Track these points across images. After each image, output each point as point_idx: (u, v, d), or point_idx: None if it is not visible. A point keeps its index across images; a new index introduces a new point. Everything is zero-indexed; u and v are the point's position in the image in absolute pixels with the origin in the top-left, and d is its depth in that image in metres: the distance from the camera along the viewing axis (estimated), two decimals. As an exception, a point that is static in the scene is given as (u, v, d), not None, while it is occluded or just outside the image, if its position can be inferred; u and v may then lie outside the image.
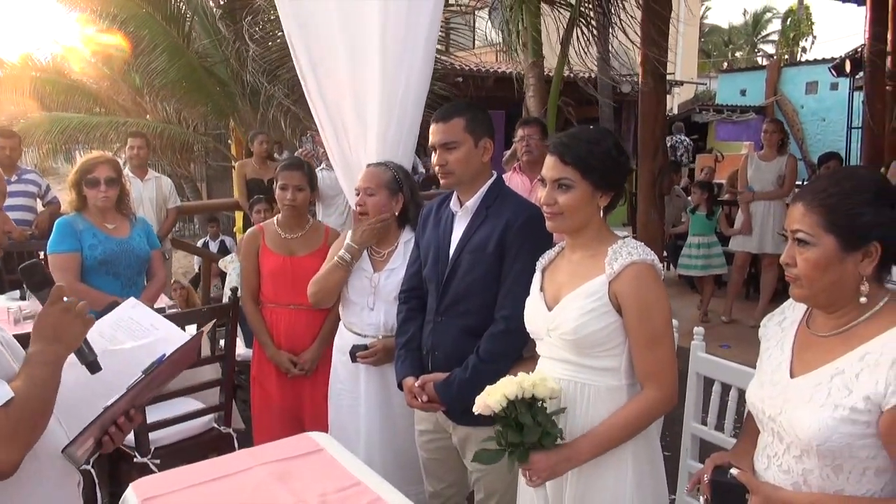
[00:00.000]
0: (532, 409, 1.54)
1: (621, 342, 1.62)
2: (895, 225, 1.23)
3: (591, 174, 1.62)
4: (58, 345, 1.33)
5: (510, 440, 1.55)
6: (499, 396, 1.52)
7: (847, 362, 1.24)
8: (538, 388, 1.53)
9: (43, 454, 1.35)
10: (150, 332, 1.74)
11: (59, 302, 1.34)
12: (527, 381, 1.55)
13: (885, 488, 1.23)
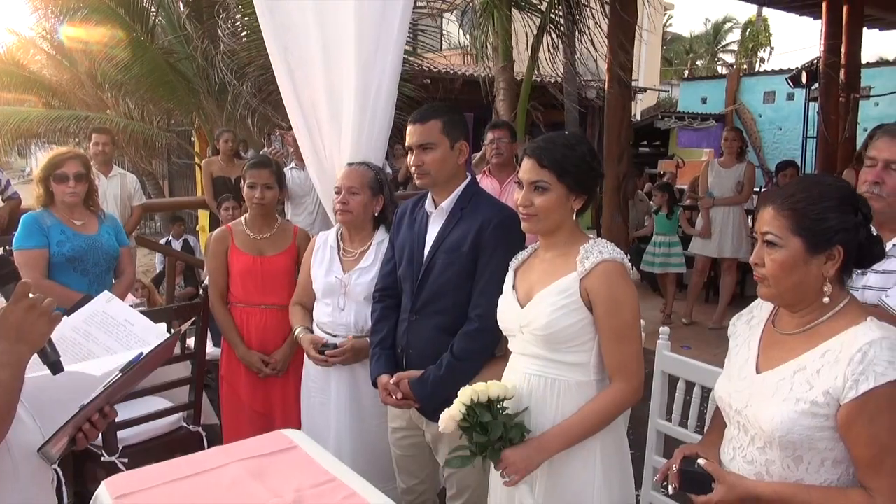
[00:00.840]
0: (491, 409, 1.60)
1: (591, 338, 1.68)
2: (857, 230, 1.31)
3: (566, 177, 1.67)
4: (21, 345, 1.28)
5: (477, 441, 1.59)
6: (457, 406, 1.58)
7: (809, 359, 1.31)
8: (491, 388, 1.59)
9: (17, 452, 1.34)
10: (124, 328, 1.71)
11: (24, 299, 1.29)
12: (480, 385, 1.61)
13: (841, 478, 1.31)
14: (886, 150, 1.75)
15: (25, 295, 1.29)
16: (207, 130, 9.37)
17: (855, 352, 1.24)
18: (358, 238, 2.55)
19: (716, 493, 1.39)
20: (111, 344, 1.68)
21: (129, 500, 1.75)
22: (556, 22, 5.45)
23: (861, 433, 1.23)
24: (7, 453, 1.31)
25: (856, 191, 1.36)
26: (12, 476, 1.35)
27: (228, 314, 2.86)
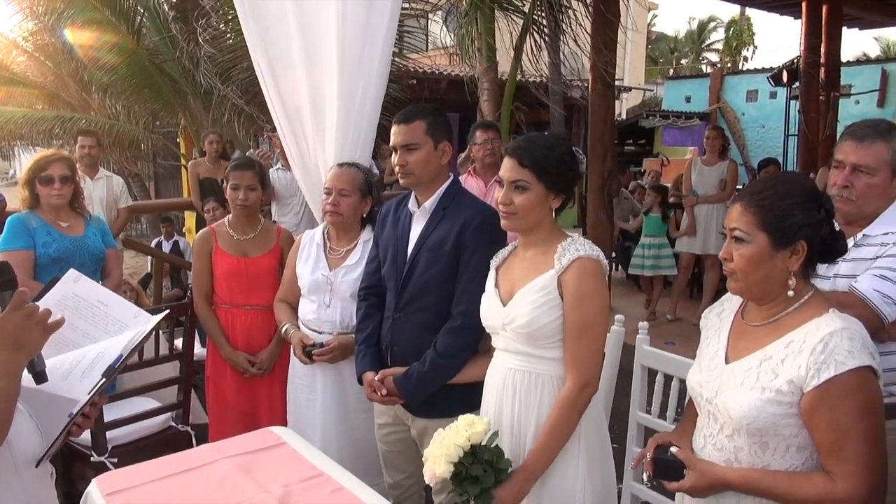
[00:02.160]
0: (476, 456, 1.61)
1: None
2: (820, 226, 1.37)
3: (545, 177, 1.72)
4: (19, 353, 1.28)
5: (471, 493, 1.61)
6: (444, 466, 1.58)
7: (775, 349, 1.37)
8: (473, 437, 1.59)
9: (17, 449, 1.38)
10: (98, 309, 1.63)
11: (22, 307, 1.29)
12: (460, 437, 1.59)
13: (806, 463, 1.37)
14: (852, 153, 1.81)
15: (23, 303, 1.29)
16: (193, 132, 9.35)
17: (817, 342, 1.29)
18: (345, 237, 2.59)
19: (687, 479, 1.45)
20: (88, 329, 1.59)
21: (119, 496, 1.78)
22: (539, 23, 5.51)
23: (822, 419, 1.28)
24: (8, 451, 1.35)
25: (818, 188, 1.42)
26: (14, 473, 1.38)
27: (213, 315, 2.89)
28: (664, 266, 6.15)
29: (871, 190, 1.80)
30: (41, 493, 1.47)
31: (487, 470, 1.60)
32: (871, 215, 1.82)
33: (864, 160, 1.79)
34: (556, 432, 1.69)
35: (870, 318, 1.65)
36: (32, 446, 1.41)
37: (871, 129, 1.83)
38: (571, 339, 1.70)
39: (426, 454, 1.68)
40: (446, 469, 1.58)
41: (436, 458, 1.60)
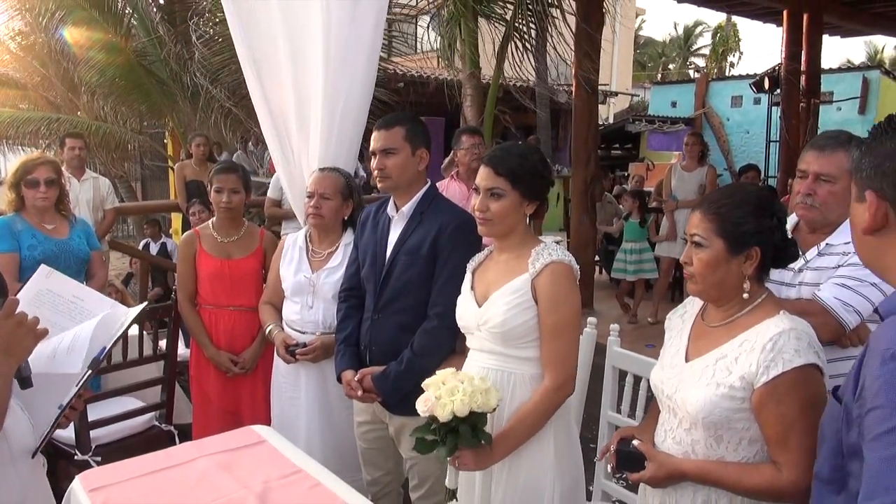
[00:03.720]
0: (471, 419, 1.65)
1: None
2: (772, 233, 1.45)
3: (520, 185, 1.79)
4: (9, 358, 1.32)
5: (447, 443, 1.66)
6: (447, 411, 1.61)
7: (729, 348, 1.44)
8: (482, 406, 1.63)
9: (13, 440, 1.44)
10: (74, 304, 1.64)
11: (13, 315, 1.33)
12: (476, 398, 1.62)
13: (757, 455, 1.44)
14: (815, 163, 1.88)
15: (14, 310, 1.33)
16: (181, 133, 9.37)
17: (767, 341, 1.37)
18: (327, 240, 2.65)
19: (647, 470, 1.52)
20: (66, 323, 1.61)
21: (102, 492, 1.82)
22: (521, 30, 5.60)
23: (771, 413, 1.36)
24: (4, 442, 1.41)
25: (771, 198, 1.50)
26: (11, 465, 1.45)
27: (197, 316, 2.93)
28: (646, 270, 6.24)
29: (833, 198, 1.87)
30: (36, 483, 1.54)
31: (472, 438, 1.66)
32: (835, 222, 1.89)
33: (826, 169, 1.86)
34: (524, 423, 1.76)
35: (832, 325, 1.73)
36: (26, 438, 1.47)
37: (832, 139, 1.90)
38: (548, 341, 1.77)
39: (427, 385, 1.68)
40: (447, 415, 1.61)
41: (443, 402, 1.62)
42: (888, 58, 26.84)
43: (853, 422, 0.99)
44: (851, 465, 1.02)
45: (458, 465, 1.73)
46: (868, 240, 1.09)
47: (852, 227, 1.14)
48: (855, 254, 1.79)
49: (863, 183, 1.08)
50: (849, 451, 1.02)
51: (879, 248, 1.08)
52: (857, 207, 1.10)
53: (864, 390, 0.96)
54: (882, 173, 1.04)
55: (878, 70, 13.78)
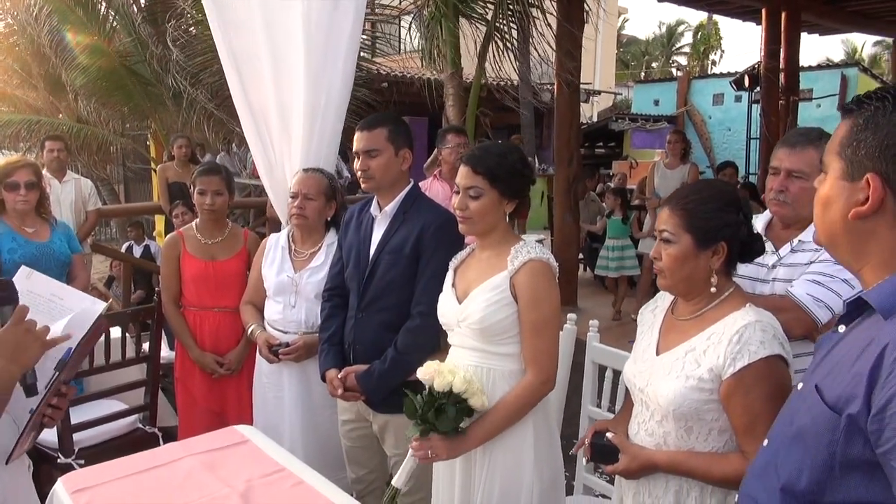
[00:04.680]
0: (458, 406, 1.70)
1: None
2: (739, 228, 1.49)
3: (498, 183, 1.82)
4: (14, 365, 1.32)
5: (426, 417, 1.70)
6: (446, 381, 1.66)
7: (698, 341, 1.48)
8: (474, 398, 1.69)
9: None
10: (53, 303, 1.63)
11: (22, 322, 1.34)
12: (473, 386, 1.69)
13: (726, 445, 1.48)
14: (786, 159, 1.92)
15: (23, 318, 1.34)
16: (163, 135, 9.32)
17: (733, 333, 1.41)
18: (310, 240, 2.66)
19: (620, 462, 1.56)
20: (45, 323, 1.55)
21: (85, 494, 1.82)
22: (502, 30, 5.64)
23: (738, 403, 1.40)
24: None
25: (738, 194, 1.54)
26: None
27: (181, 318, 2.94)
28: (628, 266, 6.31)
29: (804, 193, 1.91)
30: (18, 487, 1.53)
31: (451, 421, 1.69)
32: (807, 218, 1.93)
33: (797, 165, 1.90)
34: (502, 412, 1.78)
35: (804, 321, 1.77)
36: (10, 442, 1.47)
37: (803, 136, 1.95)
38: (530, 338, 1.80)
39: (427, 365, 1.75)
40: (444, 385, 1.67)
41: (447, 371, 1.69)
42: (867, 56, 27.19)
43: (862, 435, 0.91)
44: (845, 478, 0.94)
45: (430, 454, 1.75)
46: (854, 224, 0.98)
47: (828, 206, 1.03)
48: None
49: (859, 162, 0.96)
50: (847, 465, 0.94)
51: (865, 234, 0.98)
52: (842, 186, 0.99)
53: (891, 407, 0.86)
54: (890, 156, 0.93)
55: (857, 67, 13.97)
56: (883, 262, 0.97)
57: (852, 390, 0.93)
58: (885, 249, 0.97)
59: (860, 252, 1.00)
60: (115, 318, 3.01)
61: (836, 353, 1.02)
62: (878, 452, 0.89)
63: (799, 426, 1.04)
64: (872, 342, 0.92)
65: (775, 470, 1.07)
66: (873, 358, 0.90)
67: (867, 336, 0.95)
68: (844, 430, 0.93)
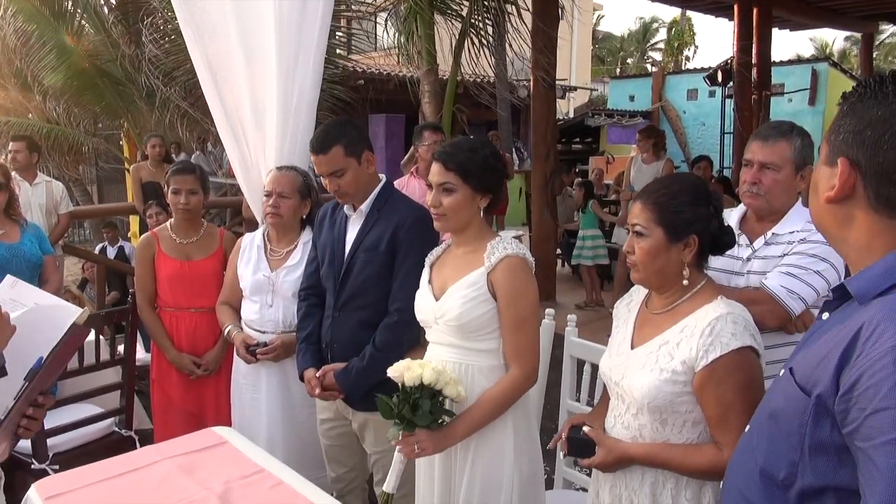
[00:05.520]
0: (433, 399, 1.70)
1: (499, 326, 1.83)
2: (709, 221, 1.51)
3: (470, 179, 1.82)
4: None
5: (403, 414, 1.71)
6: (416, 375, 1.66)
7: (671, 334, 1.50)
8: (448, 387, 1.69)
9: None
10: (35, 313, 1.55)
11: None
12: (444, 376, 1.69)
13: (700, 436, 1.50)
14: (759, 152, 1.95)
15: None
16: (136, 134, 9.19)
17: (705, 326, 1.43)
18: (285, 239, 2.65)
19: (597, 455, 1.58)
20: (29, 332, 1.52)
21: (60, 500, 1.79)
22: (477, 27, 5.65)
23: (711, 395, 1.42)
24: None
25: (708, 187, 1.56)
26: None
27: (157, 319, 2.90)
28: (601, 256, 6.51)
29: (777, 185, 1.94)
30: None
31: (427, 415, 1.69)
32: (780, 210, 1.97)
33: (770, 158, 1.93)
34: (488, 405, 1.80)
35: (778, 313, 1.80)
36: None
37: (775, 129, 1.98)
38: (510, 334, 1.80)
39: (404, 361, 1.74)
40: (414, 379, 1.67)
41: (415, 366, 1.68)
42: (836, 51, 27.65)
43: (829, 416, 0.91)
44: (814, 460, 0.95)
45: (416, 449, 1.75)
46: (831, 208, 1.00)
47: (813, 190, 1.05)
48: (800, 242, 1.88)
49: (836, 146, 0.98)
50: (815, 447, 0.94)
51: (845, 219, 0.99)
52: (824, 171, 1.01)
53: (858, 387, 0.86)
54: (861, 141, 0.94)
55: (827, 62, 14.19)
56: (864, 246, 0.98)
57: (820, 370, 0.94)
58: (865, 234, 0.98)
59: (843, 237, 1.01)
60: (89, 320, 2.96)
61: (816, 338, 1.03)
62: (843, 433, 0.89)
63: (773, 407, 1.05)
64: (847, 326, 0.94)
65: (753, 451, 1.08)
66: (846, 341, 0.91)
67: (844, 322, 0.97)
68: (812, 411, 0.94)
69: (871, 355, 0.87)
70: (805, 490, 0.97)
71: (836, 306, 1.03)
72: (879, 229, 0.96)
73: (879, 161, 0.93)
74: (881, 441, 0.83)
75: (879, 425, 0.84)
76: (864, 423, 0.86)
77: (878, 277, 0.94)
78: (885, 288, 0.92)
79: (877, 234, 0.96)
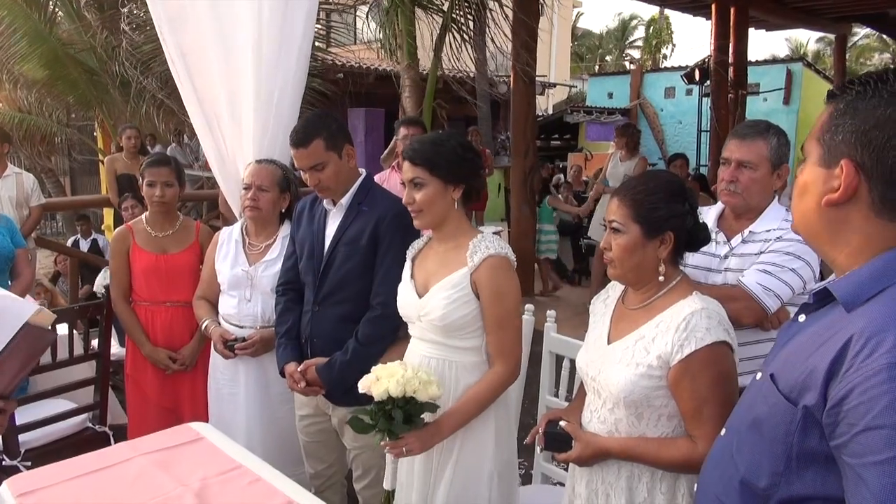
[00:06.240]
0: (406, 407, 1.68)
1: (482, 325, 1.85)
2: (685, 218, 1.53)
3: (437, 170, 1.81)
4: None
5: (380, 426, 1.69)
6: (383, 389, 1.64)
7: (647, 329, 1.52)
8: (419, 393, 1.66)
9: None
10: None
11: None
12: (412, 383, 1.64)
13: (675, 430, 1.53)
14: (737, 150, 1.98)
15: None
16: (111, 125, 9.04)
17: (680, 321, 1.45)
18: (264, 233, 2.62)
19: (574, 450, 1.59)
20: None
21: (32, 497, 1.76)
22: (458, 21, 5.64)
23: (686, 389, 1.44)
24: None
25: (684, 185, 1.58)
26: None
27: (132, 313, 2.86)
28: (552, 251, 6.92)
29: (754, 184, 1.97)
30: None
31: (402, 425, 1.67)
32: (756, 208, 2.00)
33: (747, 156, 1.96)
34: (473, 401, 1.81)
35: (754, 309, 1.83)
36: None
37: (752, 128, 2.01)
38: (495, 332, 1.82)
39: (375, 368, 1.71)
40: (381, 394, 1.64)
41: (383, 378, 1.65)
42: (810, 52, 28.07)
43: (818, 427, 0.89)
44: (802, 470, 0.93)
45: (405, 450, 1.75)
46: (826, 211, 0.96)
47: (801, 192, 1.00)
48: (776, 240, 1.91)
49: (835, 147, 0.93)
50: (803, 456, 0.92)
51: (838, 223, 0.95)
52: (819, 172, 0.96)
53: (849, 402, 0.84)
54: (867, 142, 0.90)
55: (801, 63, 14.40)
56: (857, 250, 0.95)
57: (808, 380, 0.91)
58: (858, 239, 0.94)
59: (834, 241, 0.97)
60: (63, 314, 2.92)
61: (794, 342, 1.01)
62: (831, 445, 0.88)
63: (756, 415, 1.02)
64: (834, 335, 0.90)
65: (732, 458, 1.07)
66: (834, 351, 0.88)
67: (828, 328, 0.94)
68: (801, 421, 0.92)
69: (864, 371, 0.84)
70: (788, 499, 0.96)
71: (815, 309, 1.03)
72: (877, 232, 0.93)
73: (889, 163, 0.89)
74: (872, 460, 0.81)
75: (871, 444, 0.82)
76: (853, 439, 0.84)
77: (865, 283, 0.92)
78: (873, 294, 0.90)
79: (874, 237, 0.93)
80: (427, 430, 1.75)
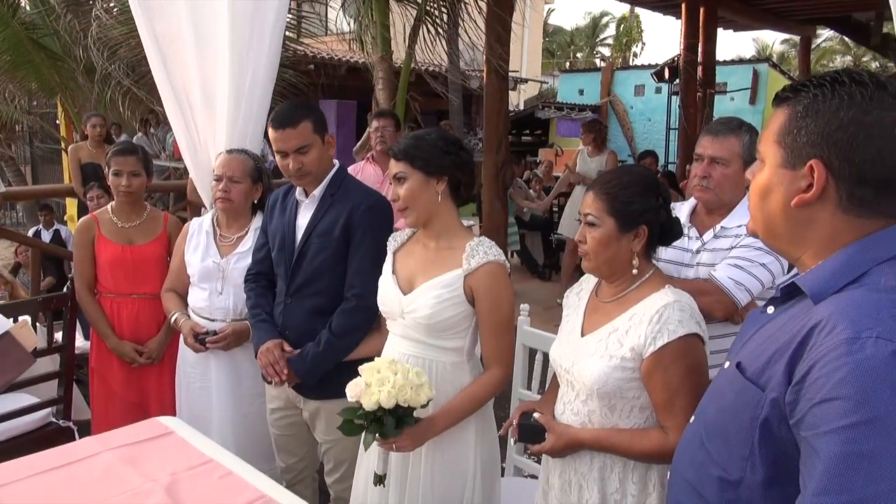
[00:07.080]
0: (396, 412, 1.64)
1: (467, 326, 1.85)
2: (658, 212, 1.55)
3: (417, 162, 1.81)
4: None
5: (371, 430, 1.66)
6: (374, 401, 1.60)
7: (621, 321, 1.53)
8: (412, 401, 1.63)
9: None
10: None
11: None
12: (405, 392, 1.60)
13: (647, 421, 1.55)
14: (709, 147, 2.01)
15: None
16: (74, 113, 8.81)
17: (653, 313, 1.47)
18: (236, 224, 2.59)
19: (547, 441, 1.61)
20: None
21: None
22: (433, 14, 5.63)
23: (658, 381, 1.46)
24: None
25: (657, 179, 1.60)
26: None
27: (97, 305, 2.80)
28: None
29: (726, 180, 2.01)
30: None
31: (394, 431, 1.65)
32: (729, 204, 2.03)
33: (720, 152, 1.99)
34: (468, 403, 1.82)
35: (725, 303, 1.87)
36: None
37: (725, 125, 2.04)
38: (492, 337, 1.83)
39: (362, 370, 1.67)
40: (372, 406, 1.61)
41: (371, 392, 1.61)
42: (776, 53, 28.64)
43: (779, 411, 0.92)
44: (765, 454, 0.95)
45: (395, 447, 1.74)
46: (791, 212, 0.97)
47: (762, 194, 1.01)
48: (747, 236, 1.94)
49: (799, 149, 0.95)
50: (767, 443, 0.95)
51: (804, 222, 0.97)
52: (784, 174, 0.98)
53: (809, 377, 0.86)
54: (833, 143, 0.92)
55: (767, 63, 14.69)
56: (821, 248, 0.97)
57: (775, 366, 0.94)
58: (824, 237, 0.97)
59: (799, 240, 0.99)
60: (24, 306, 2.85)
61: (762, 333, 1.03)
62: (791, 423, 0.90)
63: (723, 403, 1.05)
64: (802, 325, 0.93)
65: (702, 445, 1.09)
66: (800, 337, 0.91)
67: (796, 319, 0.96)
68: (766, 406, 0.94)
69: (825, 346, 0.86)
70: (758, 484, 0.98)
71: (784, 301, 1.05)
72: (843, 228, 0.95)
73: (856, 162, 0.92)
74: (825, 430, 0.83)
75: (825, 414, 0.83)
76: (809, 411, 0.86)
77: (831, 276, 0.94)
78: (839, 287, 0.93)
79: (839, 232, 0.96)
80: (420, 426, 1.73)
